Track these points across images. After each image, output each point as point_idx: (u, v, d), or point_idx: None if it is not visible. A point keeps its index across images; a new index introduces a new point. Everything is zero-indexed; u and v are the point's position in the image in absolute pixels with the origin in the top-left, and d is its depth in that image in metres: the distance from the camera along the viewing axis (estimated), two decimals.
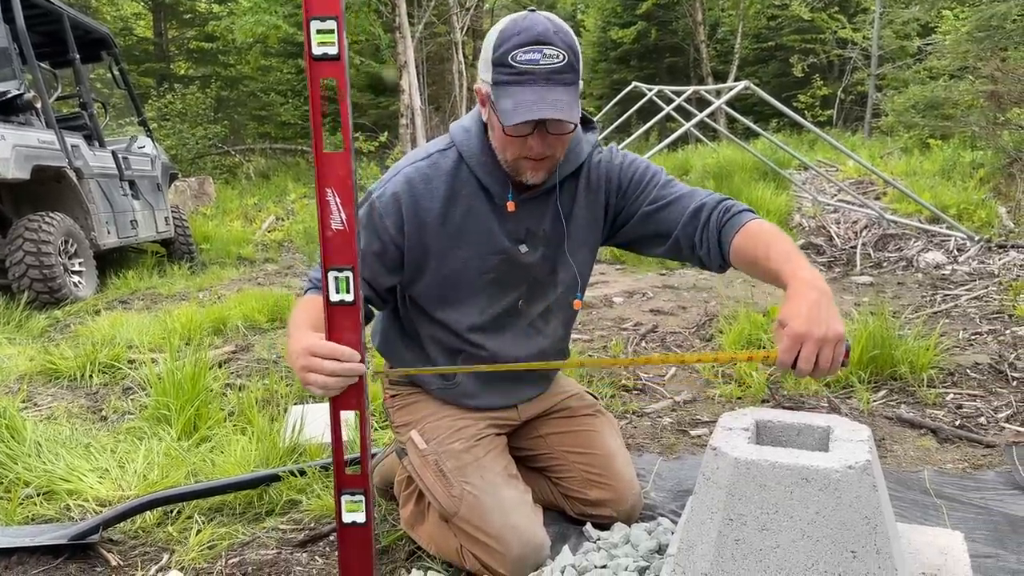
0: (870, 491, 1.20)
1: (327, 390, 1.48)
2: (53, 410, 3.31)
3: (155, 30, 22.39)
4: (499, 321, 1.84)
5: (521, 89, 1.54)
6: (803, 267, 1.49)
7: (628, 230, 1.86)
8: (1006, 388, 3.12)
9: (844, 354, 1.40)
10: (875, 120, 17.22)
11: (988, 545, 1.84)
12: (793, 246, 1.58)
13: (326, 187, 1.39)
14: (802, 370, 1.38)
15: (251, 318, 4.89)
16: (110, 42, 8.15)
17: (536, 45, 1.53)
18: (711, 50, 22.84)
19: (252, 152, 18.66)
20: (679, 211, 1.75)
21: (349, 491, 1.54)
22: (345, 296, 1.44)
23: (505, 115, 1.55)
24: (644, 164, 1.85)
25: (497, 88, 1.57)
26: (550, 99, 1.54)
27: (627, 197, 1.83)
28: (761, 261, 1.59)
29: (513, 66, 1.54)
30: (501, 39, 1.55)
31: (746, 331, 3.73)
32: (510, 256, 1.78)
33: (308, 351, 1.46)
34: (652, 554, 1.73)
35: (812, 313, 1.38)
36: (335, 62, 1.32)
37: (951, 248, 6.11)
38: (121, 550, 2.09)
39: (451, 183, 1.74)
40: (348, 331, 1.47)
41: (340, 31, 1.31)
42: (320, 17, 1.30)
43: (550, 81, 1.55)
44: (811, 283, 1.44)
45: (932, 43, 12.70)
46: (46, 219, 5.96)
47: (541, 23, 1.55)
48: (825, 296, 1.41)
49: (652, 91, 8.61)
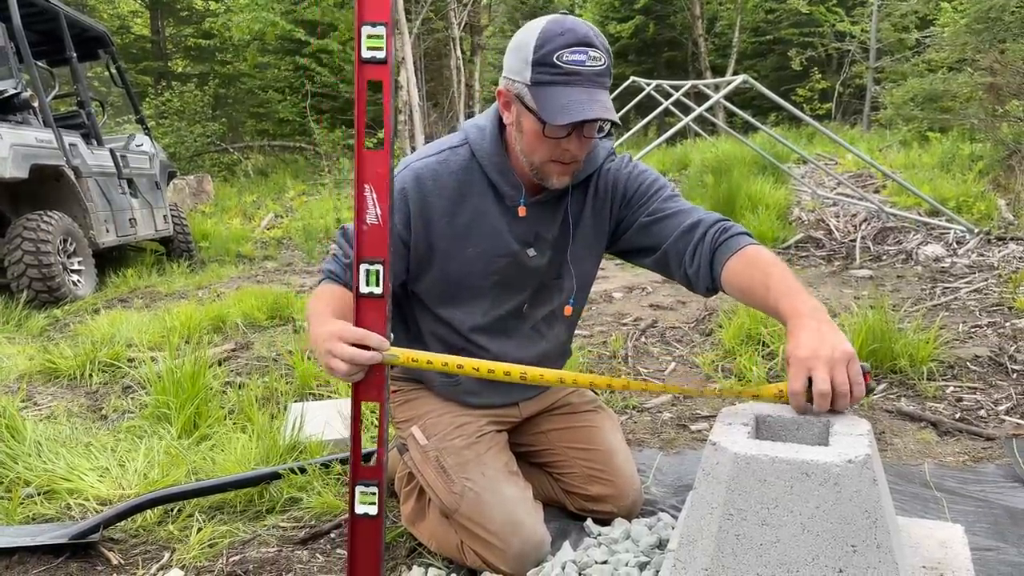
0: (870, 485, 1.19)
1: (350, 376, 1.49)
2: (53, 409, 3.31)
3: (152, 28, 22.36)
4: (502, 323, 1.84)
5: (569, 90, 1.53)
6: (804, 301, 1.44)
7: (624, 239, 1.86)
8: (1006, 381, 3.12)
9: (864, 376, 1.32)
10: (874, 113, 17.22)
11: (989, 538, 1.84)
12: (792, 277, 1.52)
13: (364, 183, 1.44)
14: (821, 392, 1.29)
15: (251, 316, 4.89)
16: (107, 40, 8.13)
17: (582, 46, 1.53)
18: (709, 44, 22.81)
19: (250, 149, 18.65)
20: (673, 226, 1.73)
21: (364, 482, 1.56)
22: (374, 288, 1.49)
23: (552, 114, 1.54)
24: (652, 176, 1.84)
25: (538, 88, 1.56)
26: (598, 100, 1.54)
27: (630, 207, 1.82)
28: (759, 291, 1.54)
29: (559, 66, 1.52)
30: (544, 38, 1.54)
31: (746, 326, 3.73)
32: (517, 259, 1.77)
33: (336, 335, 1.47)
34: (653, 549, 1.73)
35: (815, 338, 1.34)
36: (382, 65, 1.40)
37: (950, 241, 6.10)
38: (122, 549, 2.09)
39: (461, 181, 1.73)
40: (375, 323, 1.50)
41: (389, 36, 1.38)
42: (371, 23, 1.38)
43: (594, 83, 1.55)
44: (811, 315, 1.39)
45: (930, 35, 12.69)
46: (44, 218, 5.96)
47: (582, 25, 1.55)
48: (826, 323, 1.36)
49: (650, 86, 8.60)
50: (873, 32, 18.39)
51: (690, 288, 1.75)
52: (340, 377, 1.49)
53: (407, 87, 14.96)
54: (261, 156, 18.35)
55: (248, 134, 20.54)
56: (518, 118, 1.65)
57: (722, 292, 1.67)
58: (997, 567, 1.69)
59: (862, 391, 1.32)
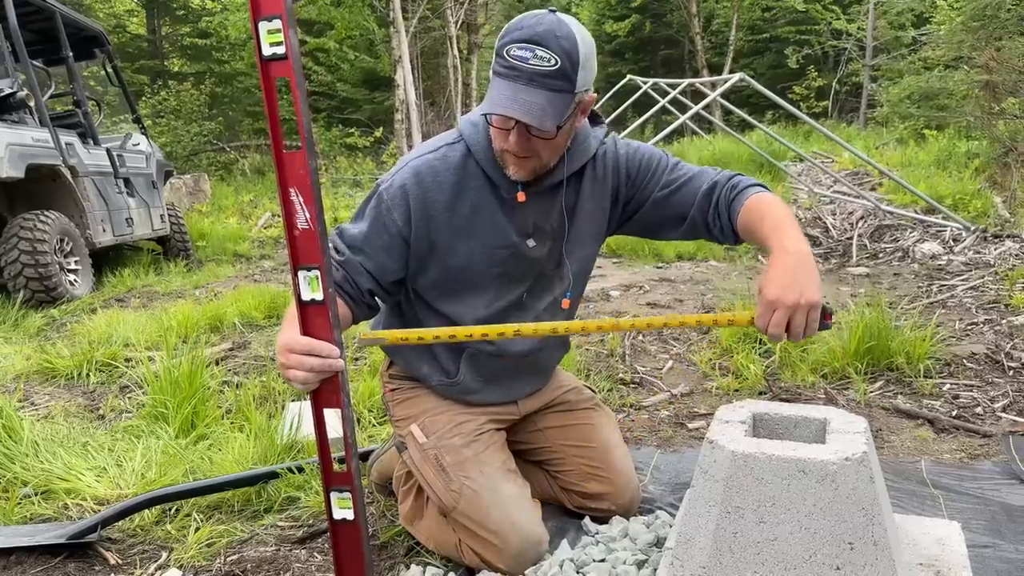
0: (867, 483, 1.20)
1: (307, 385, 1.48)
2: (50, 409, 3.31)
3: (148, 27, 22.31)
4: (504, 315, 1.84)
5: (504, 83, 1.54)
6: (788, 236, 1.53)
7: (641, 217, 1.87)
8: (1003, 378, 3.13)
9: (826, 317, 1.46)
10: (870, 111, 17.25)
11: (985, 535, 1.85)
12: (786, 216, 1.61)
13: (288, 187, 1.37)
14: (774, 335, 1.46)
15: (248, 315, 4.88)
16: (103, 39, 8.10)
17: (530, 44, 1.52)
18: (706, 42, 22.83)
19: (247, 148, 18.60)
20: (692, 192, 1.78)
21: (337, 488, 1.54)
22: (315, 295, 1.42)
23: (486, 104, 1.59)
24: (648, 150, 1.86)
25: (492, 78, 1.59)
26: (523, 100, 1.52)
27: (636, 185, 1.84)
28: (756, 232, 1.65)
29: (505, 59, 1.54)
30: (506, 31, 1.56)
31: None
32: (518, 250, 1.78)
33: (286, 347, 1.46)
34: (650, 547, 1.73)
35: (786, 279, 1.44)
36: (284, 61, 1.32)
37: (947, 238, 6.12)
38: (120, 549, 2.09)
39: (459, 176, 1.74)
40: (321, 329, 1.45)
41: (286, 29, 1.30)
42: (267, 17, 1.30)
43: (533, 82, 1.52)
44: (790, 250, 1.48)
45: (927, 33, 12.71)
46: (41, 218, 5.94)
47: (546, 24, 1.52)
48: (803, 262, 1.46)
49: (647, 84, 8.60)
50: (869, 30, 18.41)
51: (721, 243, 1.85)
52: (298, 388, 1.49)
53: (404, 86, 14.95)
54: (258, 155, 18.29)
55: (245, 133, 20.50)
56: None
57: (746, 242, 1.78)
58: (994, 564, 1.70)
59: (814, 331, 1.47)
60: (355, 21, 16.61)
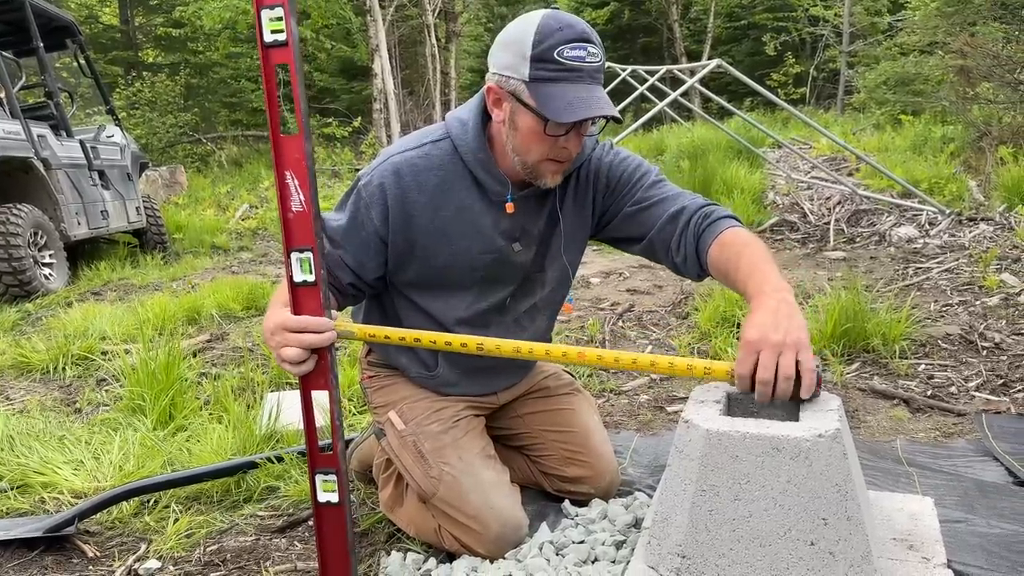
0: (840, 459, 1.21)
1: (299, 366, 1.48)
2: (26, 403, 3.27)
3: (121, 17, 21.97)
4: (485, 316, 1.82)
5: (572, 87, 1.50)
6: (768, 280, 1.43)
7: (610, 228, 1.84)
8: (976, 358, 3.17)
9: (816, 374, 1.28)
10: (847, 97, 17.38)
11: (958, 510, 1.88)
12: (764, 257, 1.51)
13: (284, 170, 1.42)
14: (763, 380, 1.28)
15: (226, 307, 4.84)
16: (75, 30, 7.98)
17: (582, 42, 1.50)
18: (684, 30, 22.88)
19: (224, 140, 18.43)
20: (657, 215, 1.72)
21: (322, 470, 1.55)
22: (307, 276, 1.47)
23: (556, 112, 1.50)
24: (635, 162, 1.81)
25: (537, 84, 1.51)
26: (597, 98, 1.52)
27: (614, 195, 1.79)
28: (731, 273, 1.54)
29: (560, 62, 1.49)
30: (543, 34, 1.49)
31: (721, 308, 3.75)
32: (503, 254, 1.75)
33: (280, 326, 1.47)
34: (629, 528, 1.74)
35: (769, 320, 1.32)
36: (284, 48, 1.37)
37: (923, 222, 6.17)
38: (98, 541, 2.07)
39: (443, 177, 1.68)
40: (313, 311, 1.49)
41: (288, 17, 1.35)
42: (269, 6, 1.35)
43: (594, 80, 1.53)
44: (773, 294, 1.38)
45: (902, 19, 12.79)
46: (14, 211, 5.87)
47: (578, 21, 1.53)
48: (786, 305, 1.35)
49: (625, 71, 8.59)
50: (846, 16, 18.52)
51: (680, 275, 1.76)
52: (290, 369, 1.49)
53: (382, 75, 14.85)
54: (235, 146, 18.13)
55: (221, 124, 20.28)
56: (512, 116, 1.59)
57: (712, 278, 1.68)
58: (966, 538, 1.72)
59: (812, 379, 1.28)
60: (331, 10, 16.45)
